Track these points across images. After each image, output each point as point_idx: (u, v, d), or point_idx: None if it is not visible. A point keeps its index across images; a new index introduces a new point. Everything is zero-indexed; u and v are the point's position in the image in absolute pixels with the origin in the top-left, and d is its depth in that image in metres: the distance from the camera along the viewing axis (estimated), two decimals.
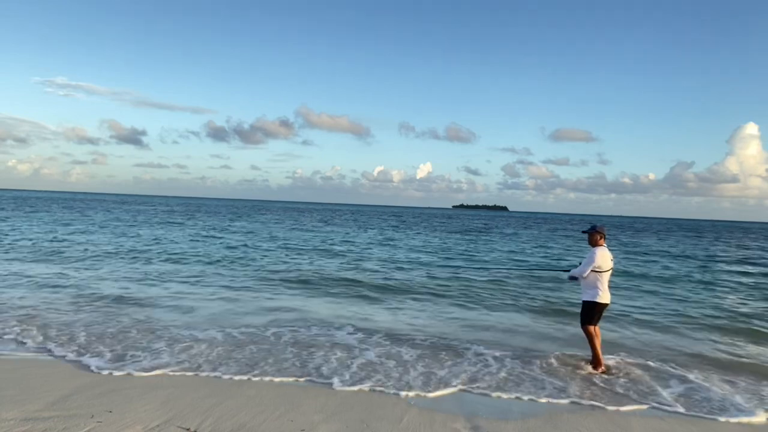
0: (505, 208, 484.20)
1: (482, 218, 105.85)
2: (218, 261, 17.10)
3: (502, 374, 6.47)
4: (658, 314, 10.70)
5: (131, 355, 6.74)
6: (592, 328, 7.01)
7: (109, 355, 6.69)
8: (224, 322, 8.84)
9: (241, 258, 18.27)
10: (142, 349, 7.05)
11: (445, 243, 30.40)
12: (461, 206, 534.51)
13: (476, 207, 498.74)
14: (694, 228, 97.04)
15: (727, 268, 22.02)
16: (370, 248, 24.81)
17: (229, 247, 22.08)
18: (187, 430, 4.60)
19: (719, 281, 16.79)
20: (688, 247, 34.74)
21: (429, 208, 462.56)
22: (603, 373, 6.83)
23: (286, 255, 19.90)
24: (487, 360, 7.07)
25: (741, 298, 13.29)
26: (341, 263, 18.06)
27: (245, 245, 23.63)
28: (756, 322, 10.16)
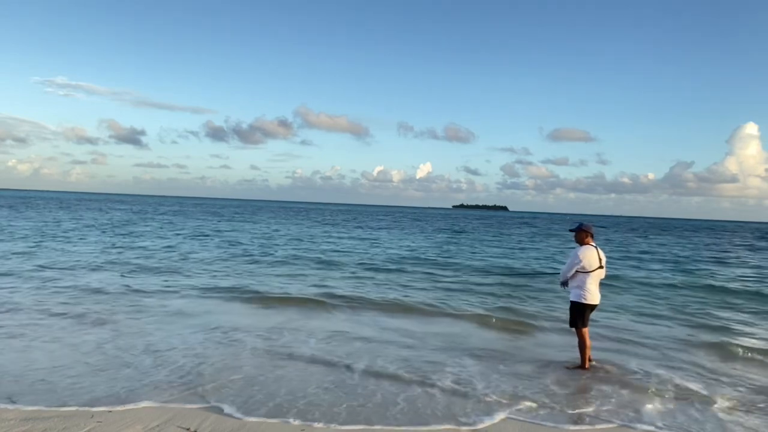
0: (505, 208, 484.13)
1: (475, 218, 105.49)
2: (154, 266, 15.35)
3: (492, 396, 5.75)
4: (625, 323, 10.00)
5: None
6: (583, 330, 6.76)
7: None
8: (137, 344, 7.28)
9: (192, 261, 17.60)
10: None
11: (420, 244, 29.20)
12: (461, 206, 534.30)
13: (476, 207, 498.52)
14: (688, 228, 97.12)
15: (704, 267, 21.84)
16: (337, 250, 23.54)
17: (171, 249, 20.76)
18: (187, 429, 4.60)
19: (696, 286, 15.77)
20: (673, 247, 34.66)
21: (429, 208, 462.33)
22: (586, 369, 6.75)
23: (236, 260, 17.89)
24: (470, 379, 6.31)
25: (712, 304, 12.62)
26: (297, 267, 16.45)
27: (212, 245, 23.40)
28: (722, 337, 9.11)
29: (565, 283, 6.96)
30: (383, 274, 16.07)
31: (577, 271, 6.74)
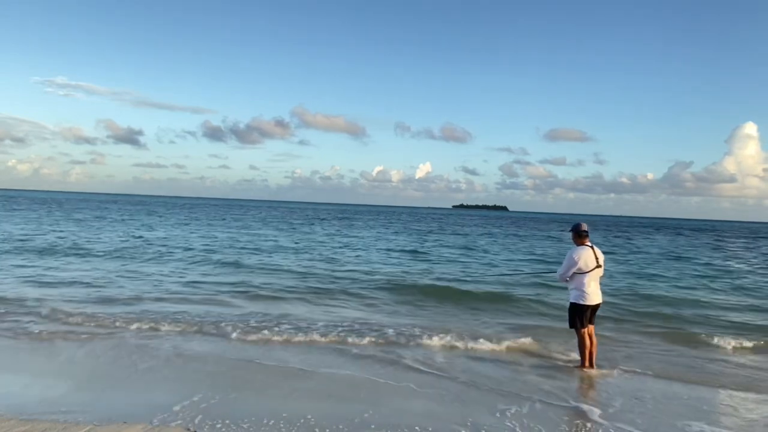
0: (505, 208, 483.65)
1: (464, 218, 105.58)
2: None
3: None
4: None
5: None
6: (583, 330, 6.79)
7: None
8: None
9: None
10: None
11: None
12: (461, 206, 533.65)
13: (476, 207, 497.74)
14: (676, 227, 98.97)
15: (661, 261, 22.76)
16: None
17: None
18: (188, 429, 4.73)
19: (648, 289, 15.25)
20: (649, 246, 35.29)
21: (429, 208, 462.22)
22: (590, 368, 6.88)
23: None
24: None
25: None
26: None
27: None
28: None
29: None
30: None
31: (574, 272, 6.73)
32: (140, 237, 26.64)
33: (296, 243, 27.60)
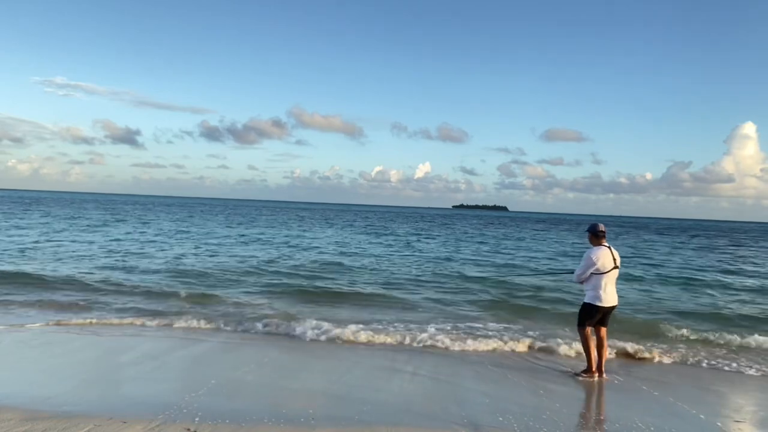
0: (504, 208, 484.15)
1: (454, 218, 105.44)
2: None
3: None
4: None
5: None
6: (587, 330, 6.74)
7: None
8: None
9: None
10: None
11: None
12: (461, 206, 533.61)
13: (476, 207, 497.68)
14: (667, 227, 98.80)
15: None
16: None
17: None
18: (188, 429, 4.73)
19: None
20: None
21: (429, 208, 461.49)
22: (598, 376, 6.75)
23: None
24: None
25: None
26: None
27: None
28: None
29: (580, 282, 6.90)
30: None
31: (592, 273, 6.66)
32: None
33: None
